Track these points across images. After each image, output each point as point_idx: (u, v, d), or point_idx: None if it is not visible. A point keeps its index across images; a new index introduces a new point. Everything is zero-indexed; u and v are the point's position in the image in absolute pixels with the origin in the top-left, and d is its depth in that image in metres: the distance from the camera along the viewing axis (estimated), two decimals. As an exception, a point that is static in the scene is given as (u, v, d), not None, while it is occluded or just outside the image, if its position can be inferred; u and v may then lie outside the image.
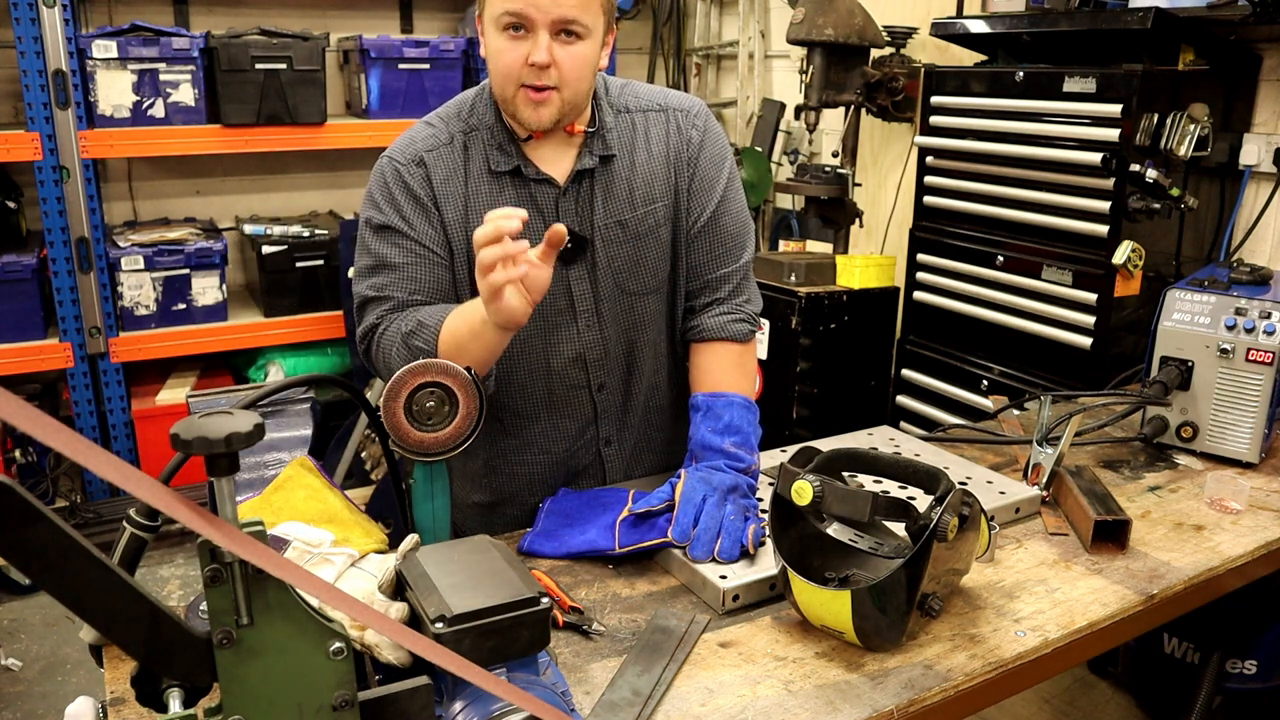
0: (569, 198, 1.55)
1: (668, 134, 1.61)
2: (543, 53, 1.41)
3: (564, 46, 1.43)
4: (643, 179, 1.59)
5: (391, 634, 0.73)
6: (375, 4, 4.26)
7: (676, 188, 1.61)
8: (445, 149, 1.54)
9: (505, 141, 1.54)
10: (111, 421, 3.70)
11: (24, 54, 3.29)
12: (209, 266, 3.71)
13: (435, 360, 1.23)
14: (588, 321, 1.59)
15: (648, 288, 1.62)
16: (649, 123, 1.61)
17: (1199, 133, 2.38)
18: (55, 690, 2.88)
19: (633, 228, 1.58)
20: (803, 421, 3.18)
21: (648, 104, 1.63)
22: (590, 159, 1.55)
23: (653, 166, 1.60)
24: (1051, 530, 1.56)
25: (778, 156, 4.17)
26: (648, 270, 1.61)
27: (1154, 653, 2.20)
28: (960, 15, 3.04)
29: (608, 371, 1.64)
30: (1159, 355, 1.85)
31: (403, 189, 1.52)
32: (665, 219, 1.61)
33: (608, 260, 1.58)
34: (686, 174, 1.62)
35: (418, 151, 1.54)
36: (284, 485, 1.28)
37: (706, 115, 1.66)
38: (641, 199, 1.59)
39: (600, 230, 1.57)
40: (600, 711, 1.10)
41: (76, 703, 0.98)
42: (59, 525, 0.67)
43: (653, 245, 1.61)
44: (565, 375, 1.61)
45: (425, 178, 1.52)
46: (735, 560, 1.37)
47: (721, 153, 1.65)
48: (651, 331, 1.66)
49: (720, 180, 1.64)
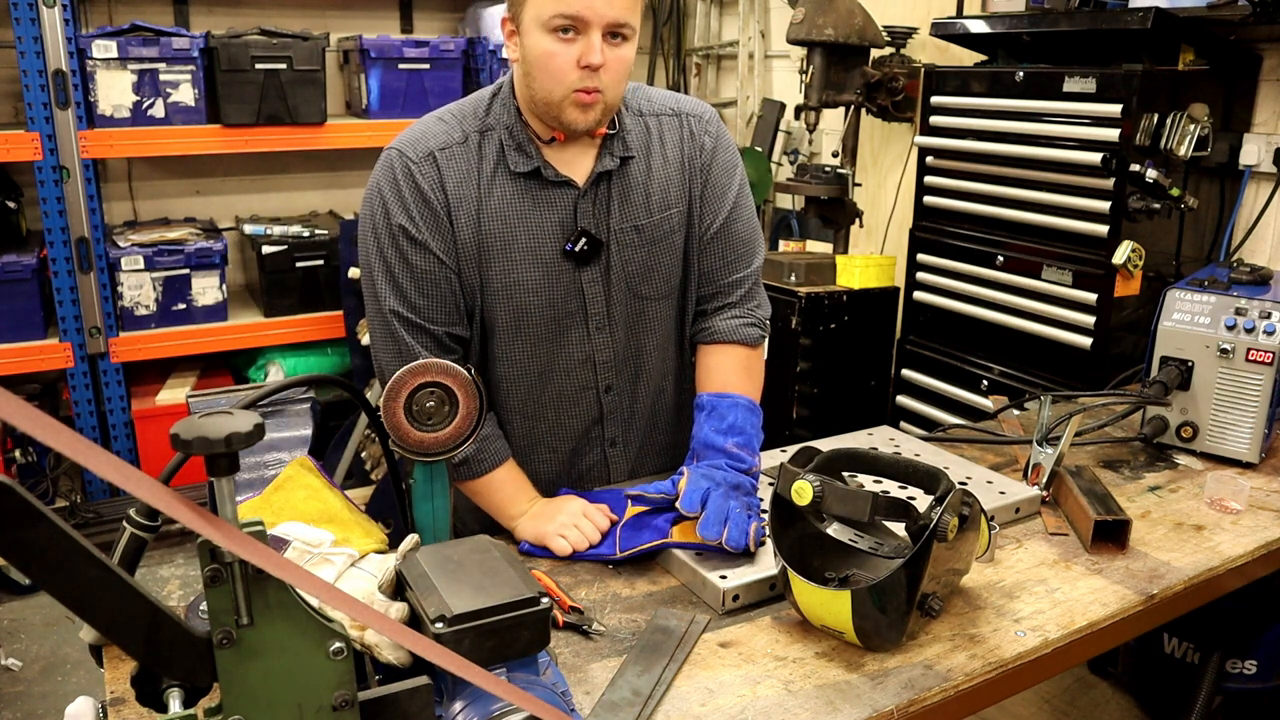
0: (587, 200, 1.54)
1: (681, 139, 1.60)
2: (598, 54, 1.39)
3: (613, 48, 1.42)
4: (659, 184, 1.58)
5: (391, 634, 0.73)
6: (375, 4, 4.26)
7: (690, 194, 1.61)
8: (459, 148, 1.51)
9: (525, 142, 1.51)
10: (111, 421, 3.70)
11: (24, 54, 3.29)
12: (209, 266, 3.71)
13: (435, 360, 1.23)
14: (598, 324, 1.59)
15: (659, 293, 1.62)
16: (663, 127, 1.60)
17: (1199, 133, 2.38)
18: (55, 690, 2.88)
19: (648, 233, 1.58)
20: (803, 421, 3.18)
21: (661, 108, 1.62)
22: (611, 161, 1.54)
23: (668, 171, 1.59)
24: (1051, 530, 1.56)
25: (778, 156, 4.17)
26: (660, 275, 1.61)
27: (1154, 653, 2.20)
28: (960, 15, 3.04)
29: (615, 373, 1.64)
30: (1159, 355, 1.85)
31: (414, 189, 1.48)
32: (680, 224, 1.61)
33: (622, 264, 1.57)
34: (700, 180, 1.61)
35: (430, 148, 1.50)
36: (284, 485, 1.28)
37: (718, 121, 1.66)
38: (658, 204, 1.58)
39: (616, 234, 1.56)
40: (600, 711, 1.10)
41: (76, 703, 0.98)
42: (59, 525, 0.67)
43: (666, 251, 1.60)
44: (573, 376, 1.61)
45: (437, 178, 1.49)
46: (742, 549, 1.36)
47: (733, 159, 1.66)
48: (660, 335, 1.66)
49: (733, 187, 1.64)
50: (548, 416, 1.64)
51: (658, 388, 1.70)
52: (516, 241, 1.52)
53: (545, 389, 1.61)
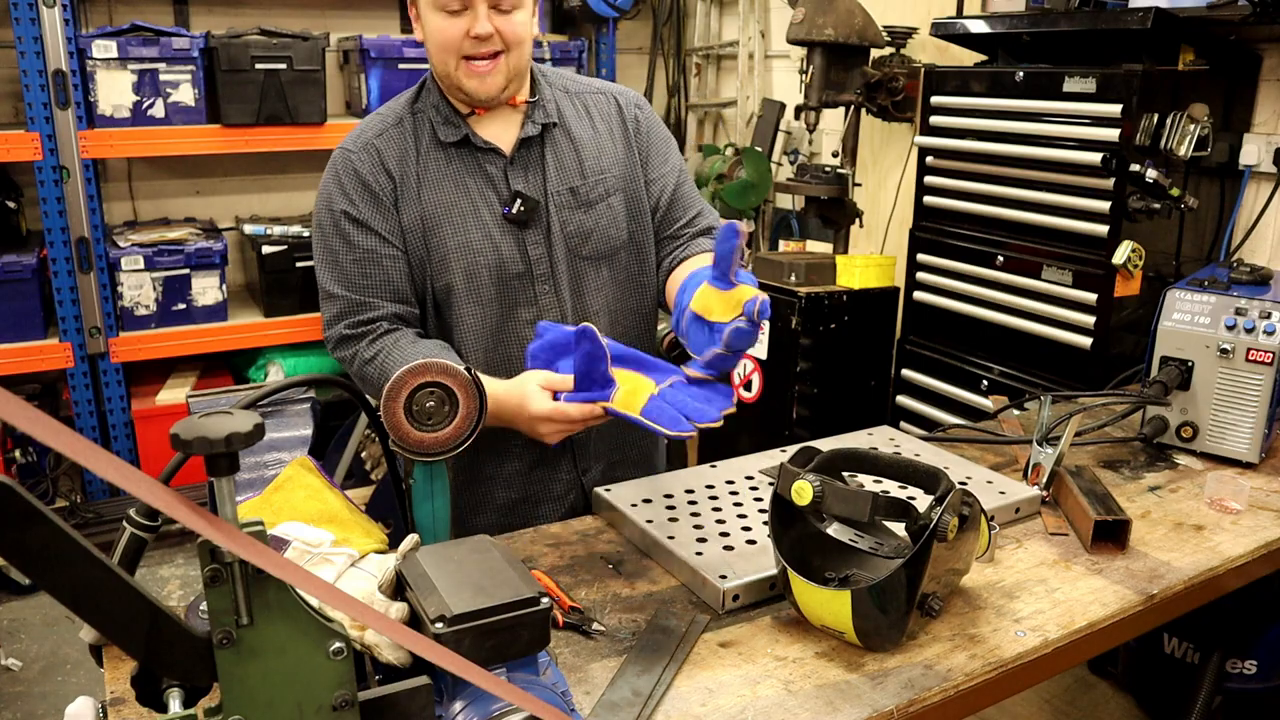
0: (517, 166, 1.66)
1: (610, 114, 1.75)
2: (484, 23, 1.53)
3: (501, 16, 1.55)
4: (591, 150, 1.71)
5: (391, 634, 0.73)
6: (375, 4, 4.26)
7: (630, 165, 1.74)
8: (394, 130, 1.64)
9: (451, 115, 1.64)
10: (111, 421, 3.70)
11: (24, 54, 3.30)
12: (209, 266, 3.71)
13: (435, 360, 1.23)
14: (544, 284, 1.68)
15: (598, 253, 1.71)
16: (589, 102, 1.75)
17: (1199, 133, 2.38)
18: (55, 690, 2.88)
19: (583, 195, 1.69)
20: (803, 421, 3.18)
21: (586, 87, 1.77)
22: (533, 127, 1.66)
23: (599, 140, 1.72)
24: (1051, 530, 1.56)
25: (778, 156, 4.17)
26: (599, 237, 1.71)
27: (1154, 653, 2.20)
28: (960, 15, 3.04)
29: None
30: (1159, 355, 1.85)
31: (353, 177, 1.61)
32: (615, 189, 1.72)
33: (560, 226, 1.68)
34: (641, 153, 1.75)
35: (368, 138, 1.64)
36: (284, 485, 1.28)
37: (643, 99, 1.83)
38: (591, 169, 1.70)
39: (553, 197, 1.67)
40: (600, 711, 1.10)
41: (76, 703, 0.98)
42: (59, 525, 0.67)
43: (604, 213, 1.71)
44: (526, 337, 1.66)
45: (378, 162, 1.62)
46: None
47: (665, 132, 1.82)
48: (605, 299, 1.74)
49: (672, 154, 1.80)
50: (504, 378, 1.65)
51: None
52: (457, 206, 1.64)
53: (498, 349, 1.68)
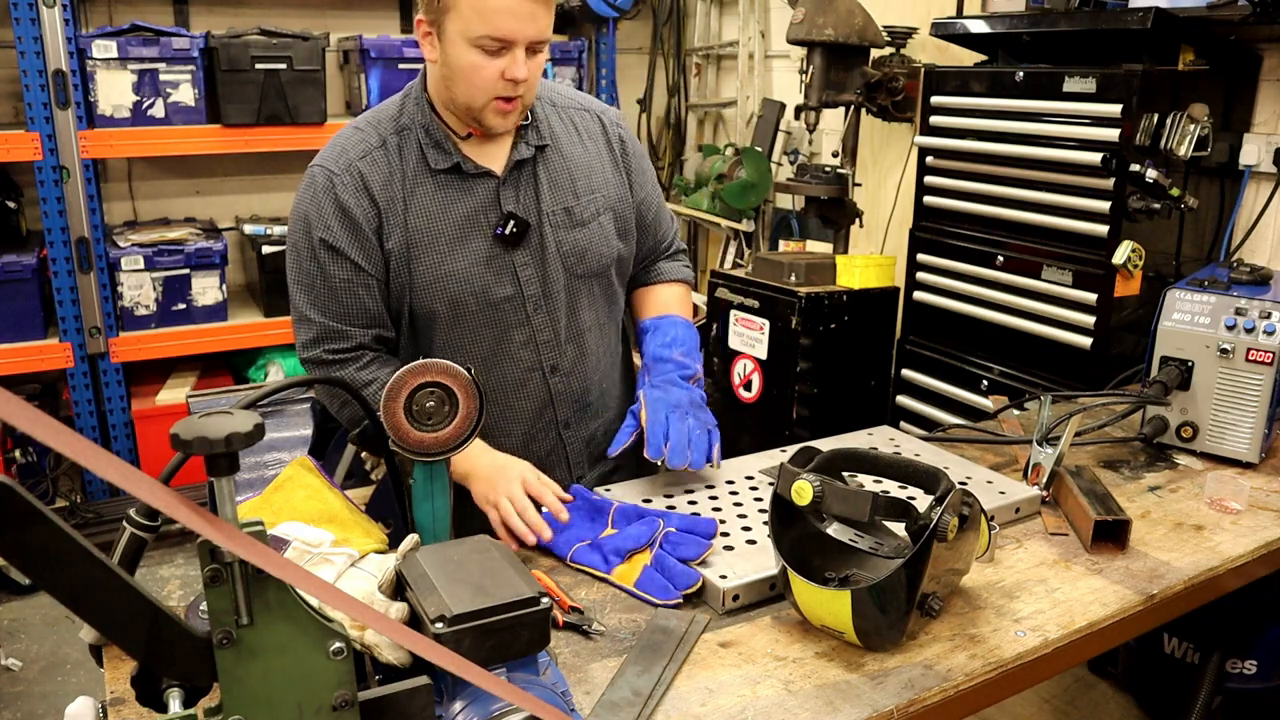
0: (509, 187, 1.64)
1: (596, 132, 1.76)
2: (523, 69, 1.51)
3: (532, 59, 1.54)
4: (583, 169, 1.71)
5: (391, 634, 0.73)
6: (375, 4, 4.26)
7: (618, 181, 1.75)
8: (378, 152, 1.60)
9: (442, 139, 1.61)
10: (111, 421, 3.70)
11: (24, 54, 3.29)
12: (209, 266, 3.71)
13: (435, 360, 1.23)
14: (535, 305, 1.68)
15: (593, 270, 1.73)
16: (575, 119, 1.74)
17: (1199, 133, 2.37)
18: (55, 690, 2.88)
19: (577, 214, 1.70)
20: (803, 421, 3.18)
21: (571, 102, 1.77)
22: (526, 149, 1.65)
23: (589, 159, 1.72)
24: (1051, 530, 1.56)
25: (778, 156, 4.17)
26: (593, 255, 1.72)
27: (1154, 653, 2.20)
28: (960, 15, 3.04)
29: (559, 354, 1.71)
30: (1159, 355, 1.85)
31: (334, 203, 1.57)
32: (605, 207, 1.73)
33: (556, 245, 1.67)
34: (623, 170, 1.77)
35: (350, 159, 1.59)
36: (284, 485, 1.28)
37: (622, 118, 1.85)
38: (584, 188, 1.71)
39: (548, 216, 1.67)
40: (600, 711, 1.10)
41: (76, 703, 0.98)
42: (59, 525, 0.67)
43: (596, 231, 1.72)
44: (518, 360, 1.69)
45: (361, 187, 1.58)
46: (701, 467, 1.58)
47: (642, 149, 1.86)
48: (597, 314, 1.76)
49: (650, 173, 1.84)
50: (498, 401, 1.69)
51: (604, 371, 1.79)
52: (443, 235, 1.61)
53: (491, 373, 1.68)
